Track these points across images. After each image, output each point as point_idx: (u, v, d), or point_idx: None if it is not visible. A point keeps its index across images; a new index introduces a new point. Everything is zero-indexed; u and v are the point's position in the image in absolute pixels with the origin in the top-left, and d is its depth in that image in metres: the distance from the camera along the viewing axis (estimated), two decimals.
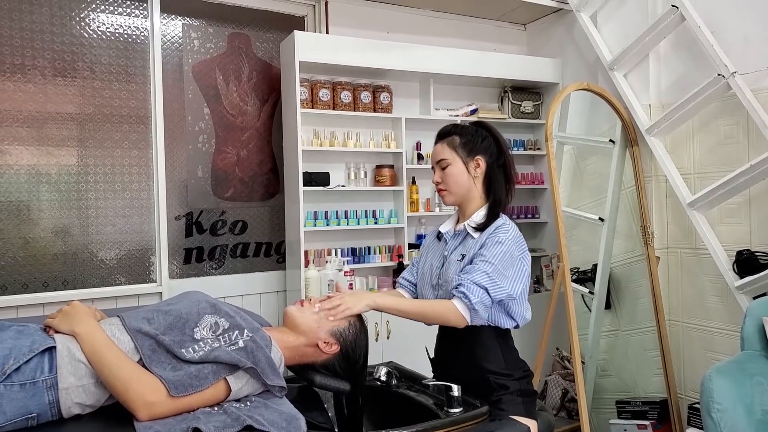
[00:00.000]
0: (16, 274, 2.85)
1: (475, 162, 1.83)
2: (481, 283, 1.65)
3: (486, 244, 1.73)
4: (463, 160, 1.83)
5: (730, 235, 2.91)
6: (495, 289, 1.66)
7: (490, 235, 1.75)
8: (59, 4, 2.94)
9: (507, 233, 1.74)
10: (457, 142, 1.83)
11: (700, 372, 2.21)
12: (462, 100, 3.87)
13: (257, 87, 3.48)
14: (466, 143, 1.83)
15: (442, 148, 1.85)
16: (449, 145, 1.84)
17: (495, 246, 1.71)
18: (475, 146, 1.83)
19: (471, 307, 1.65)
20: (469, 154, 1.83)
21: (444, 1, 3.74)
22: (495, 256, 1.70)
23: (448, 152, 1.83)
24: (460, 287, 1.66)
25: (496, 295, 1.66)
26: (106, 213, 3.05)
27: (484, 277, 1.66)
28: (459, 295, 1.66)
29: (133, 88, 3.11)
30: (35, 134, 2.89)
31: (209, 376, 1.40)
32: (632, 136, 3.30)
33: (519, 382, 1.74)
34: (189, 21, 3.30)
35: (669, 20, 3.02)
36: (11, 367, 1.30)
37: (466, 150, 1.83)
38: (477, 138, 1.84)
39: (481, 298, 1.65)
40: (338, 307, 1.65)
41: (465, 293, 1.64)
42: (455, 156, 1.83)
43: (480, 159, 1.83)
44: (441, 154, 1.85)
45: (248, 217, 3.46)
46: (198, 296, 1.63)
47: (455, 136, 1.85)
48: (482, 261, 1.69)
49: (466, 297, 1.64)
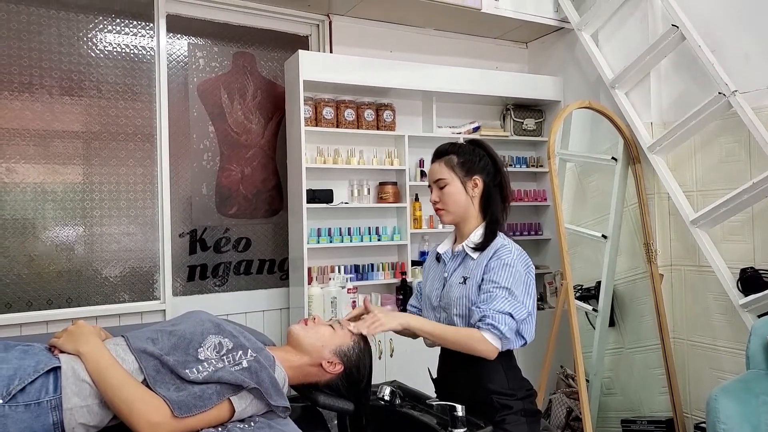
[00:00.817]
0: (21, 292, 2.86)
1: (473, 182, 1.83)
2: (505, 310, 1.65)
3: (493, 268, 1.73)
4: (461, 179, 1.83)
5: (733, 252, 2.91)
6: (517, 311, 1.67)
7: (494, 258, 1.75)
8: (67, 25, 2.98)
9: (511, 254, 1.75)
10: (455, 162, 1.84)
11: (706, 391, 2.20)
12: (464, 118, 3.90)
13: (262, 105, 3.50)
14: (464, 163, 1.83)
15: (439, 168, 1.86)
16: (447, 164, 1.84)
17: (503, 269, 1.72)
18: (473, 166, 1.83)
19: (502, 336, 1.65)
20: (467, 173, 1.83)
21: (446, 21, 3.78)
22: (506, 279, 1.70)
23: (446, 172, 1.84)
24: (486, 319, 1.65)
25: (520, 317, 1.67)
26: (110, 230, 3.07)
27: (505, 303, 1.66)
28: (487, 327, 1.65)
29: (138, 106, 3.14)
30: (42, 152, 2.91)
31: (213, 397, 1.40)
32: (634, 153, 3.31)
33: (522, 401, 1.74)
34: (194, 40, 3.33)
35: (669, 39, 3.05)
36: (16, 387, 1.30)
37: (464, 170, 1.83)
38: (475, 157, 1.84)
39: (509, 325, 1.65)
40: (374, 323, 1.65)
41: (493, 324, 1.64)
42: (453, 176, 1.83)
43: (478, 179, 1.83)
44: (439, 174, 1.85)
45: (252, 234, 3.48)
46: (202, 316, 1.63)
47: (453, 156, 1.85)
48: (496, 287, 1.69)
49: (495, 328, 1.64)
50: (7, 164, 2.84)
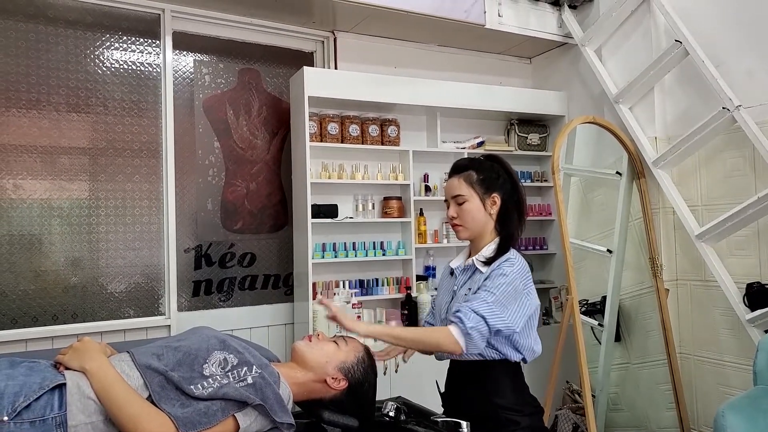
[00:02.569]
0: (27, 307, 2.87)
1: (491, 199, 1.82)
2: (479, 311, 1.63)
3: (491, 276, 1.73)
4: (480, 197, 1.82)
5: (739, 267, 2.89)
6: (493, 318, 1.63)
7: (496, 268, 1.74)
8: (75, 43, 3.01)
9: (512, 266, 1.74)
10: (474, 179, 1.83)
11: (714, 406, 2.19)
12: (469, 133, 3.91)
13: (267, 121, 3.53)
14: (484, 180, 1.82)
15: (459, 184, 1.84)
16: (466, 180, 1.83)
17: (498, 278, 1.70)
18: (492, 183, 1.82)
19: (465, 331, 1.61)
20: (487, 191, 1.82)
21: (450, 37, 3.81)
22: (497, 287, 1.68)
23: (465, 188, 1.82)
24: (458, 313, 1.64)
25: (494, 324, 1.63)
26: (116, 246, 3.08)
27: (483, 305, 1.64)
28: (455, 320, 1.64)
29: (144, 122, 3.17)
30: (49, 168, 2.94)
31: (218, 413, 1.40)
32: (639, 168, 3.31)
33: (530, 417, 1.73)
34: (200, 57, 3.36)
35: (673, 55, 3.06)
36: (21, 404, 1.31)
37: (483, 187, 1.82)
38: (493, 174, 1.83)
39: (476, 324, 1.61)
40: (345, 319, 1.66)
41: (461, 318, 1.62)
42: (472, 192, 1.82)
43: (496, 196, 1.82)
44: (458, 190, 1.84)
45: (257, 249, 3.48)
46: (207, 332, 1.64)
47: (472, 172, 1.83)
48: (484, 290, 1.69)
49: (462, 322, 1.61)
50: (14, 180, 2.86)
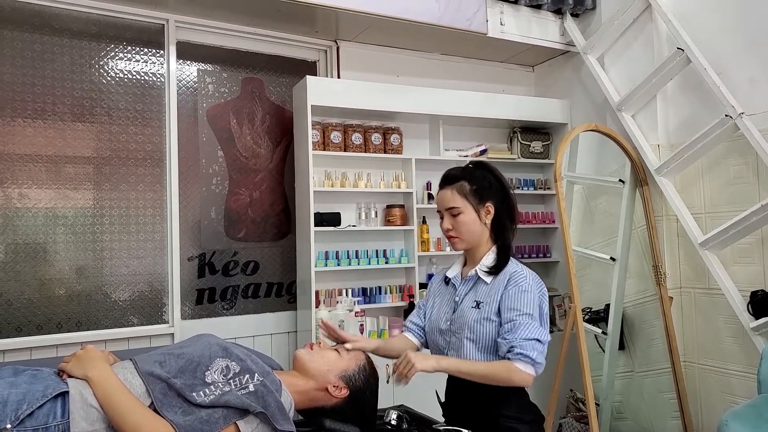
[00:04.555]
0: (31, 316, 2.88)
1: (486, 209, 1.81)
2: (531, 336, 1.66)
3: (511, 296, 1.73)
4: (475, 207, 1.80)
5: (743, 275, 2.89)
6: (542, 335, 1.68)
7: (511, 285, 1.74)
8: (80, 53, 3.04)
9: (526, 279, 1.75)
10: (468, 190, 1.80)
11: (718, 415, 2.18)
12: (471, 141, 3.92)
13: (270, 130, 3.54)
14: (477, 190, 1.80)
15: (452, 196, 1.82)
16: (459, 192, 1.81)
17: (522, 296, 1.72)
18: (485, 193, 1.81)
19: (533, 362, 1.65)
20: (480, 201, 1.80)
21: (452, 45, 3.82)
22: (527, 305, 1.70)
23: (459, 200, 1.80)
24: (515, 349, 1.65)
25: (546, 339, 1.69)
26: (120, 254, 3.09)
27: (530, 330, 1.67)
28: (517, 357, 1.64)
29: (148, 131, 3.19)
30: (53, 177, 2.95)
31: (220, 421, 1.40)
32: (642, 176, 3.31)
33: (530, 425, 1.73)
34: (204, 66, 3.39)
35: (675, 62, 3.07)
36: (24, 412, 1.32)
37: (477, 197, 1.80)
38: (485, 183, 1.82)
39: (538, 350, 1.66)
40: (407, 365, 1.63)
41: (522, 352, 1.64)
42: (467, 204, 1.80)
43: (490, 205, 1.81)
44: (452, 202, 1.81)
45: (260, 257, 3.49)
46: (210, 339, 1.64)
47: (464, 183, 1.81)
48: (518, 314, 1.69)
49: (526, 356, 1.64)
50: (19, 189, 2.88)
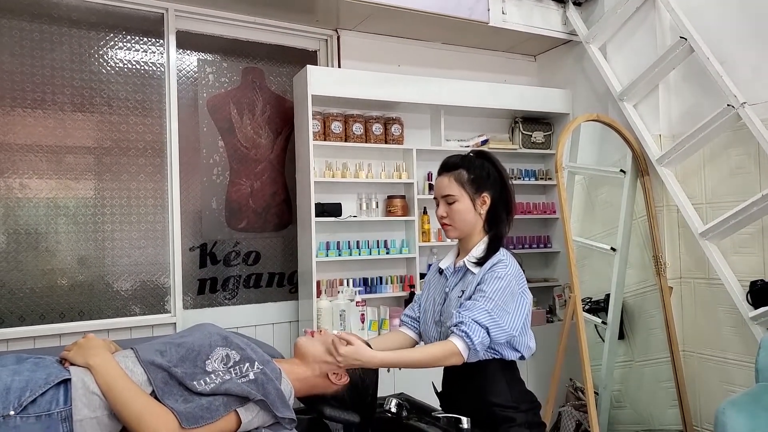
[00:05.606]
0: (34, 305, 2.90)
1: (482, 199, 1.80)
2: (483, 323, 1.62)
3: (485, 279, 1.70)
4: (471, 196, 1.79)
5: (743, 265, 2.89)
6: (496, 330, 1.63)
7: (489, 270, 1.72)
8: (79, 42, 3.03)
9: (506, 268, 1.72)
10: (465, 178, 1.80)
11: (717, 404, 2.18)
12: (473, 131, 3.91)
13: (271, 120, 3.54)
14: (474, 179, 1.80)
15: (449, 183, 1.81)
16: (457, 180, 1.80)
17: (495, 281, 1.68)
18: (483, 183, 1.80)
19: (472, 347, 1.61)
20: (477, 190, 1.80)
21: (454, 35, 3.81)
22: (495, 291, 1.67)
23: (456, 188, 1.80)
24: (461, 325, 1.62)
25: (496, 337, 1.64)
26: (122, 244, 3.10)
27: (484, 316, 1.63)
28: (460, 334, 1.62)
29: (149, 121, 3.19)
30: (54, 167, 2.96)
31: (220, 408, 1.41)
32: (643, 166, 3.30)
33: (526, 414, 1.73)
34: (204, 56, 3.38)
35: (678, 51, 3.06)
36: (27, 399, 1.33)
37: (474, 186, 1.79)
38: (484, 173, 1.81)
39: (481, 339, 1.61)
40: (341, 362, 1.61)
41: (467, 332, 1.60)
42: (463, 192, 1.79)
43: (486, 196, 1.80)
44: (448, 190, 1.81)
45: (261, 247, 3.50)
46: (210, 328, 1.65)
47: (463, 171, 1.81)
48: (482, 297, 1.66)
49: (468, 337, 1.60)
50: (20, 179, 2.89)
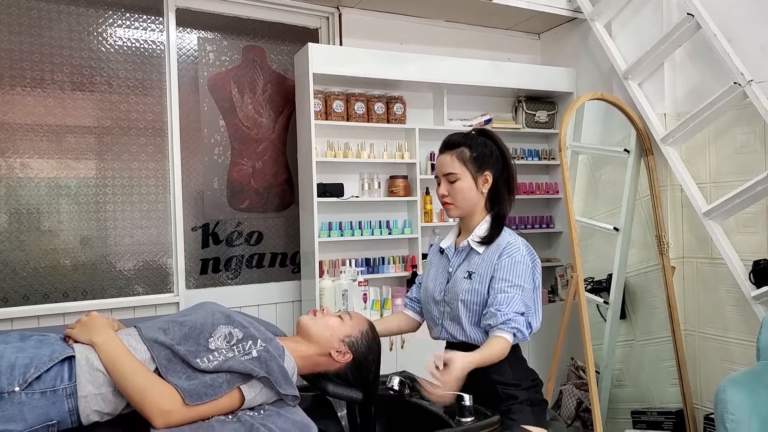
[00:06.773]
0: (38, 285, 2.90)
1: (483, 177, 1.80)
2: (520, 310, 1.70)
3: (504, 266, 1.73)
4: (473, 175, 1.79)
5: (746, 244, 2.88)
6: (528, 309, 1.72)
7: (504, 256, 1.75)
8: (77, 20, 3.00)
9: (519, 250, 1.76)
10: (467, 156, 1.79)
11: (717, 382, 2.20)
12: (476, 110, 3.89)
13: (272, 99, 3.52)
14: (477, 158, 1.79)
15: (451, 161, 1.81)
16: (459, 158, 1.80)
17: (515, 267, 1.73)
18: (485, 161, 1.79)
19: (522, 337, 1.71)
20: (479, 169, 1.79)
21: (457, 12, 3.77)
22: (519, 276, 1.72)
23: (458, 166, 1.79)
24: (510, 323, 1.67)
25: (529, 313, 1.72)
26: (124, 224, 3.10)
27: (520, 305, 1.70)
28: (512, 330, 1.68)
29: (149, 101, 3.17)
30: (55, 147, 2.95)
31: (223, 385, 1.42)
32: (647, 145, 3.28)
33: (528, 391, 1.74)
34: (204, 34, 3.35)
35: (684, 28, 3.02)
36: (32, 375, 1.33)
37: (476, 165, 1.79)
38: (486, 151, 1.80)
39: (524, 325, 1.70)
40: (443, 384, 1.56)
41: (518, 328, 1.68)
42: (465, 171, 1.79)
43: (488, 174, 1.80)
44: (450, 168, 1.80)
45: (263, 227, 3.50)
46: (213, 307, 1.66)
47: (465, 149, 1.80)
48: (510, 286, 1.71)
49: (519, 331, 1.68)
50: (21, 159, 2.88)
